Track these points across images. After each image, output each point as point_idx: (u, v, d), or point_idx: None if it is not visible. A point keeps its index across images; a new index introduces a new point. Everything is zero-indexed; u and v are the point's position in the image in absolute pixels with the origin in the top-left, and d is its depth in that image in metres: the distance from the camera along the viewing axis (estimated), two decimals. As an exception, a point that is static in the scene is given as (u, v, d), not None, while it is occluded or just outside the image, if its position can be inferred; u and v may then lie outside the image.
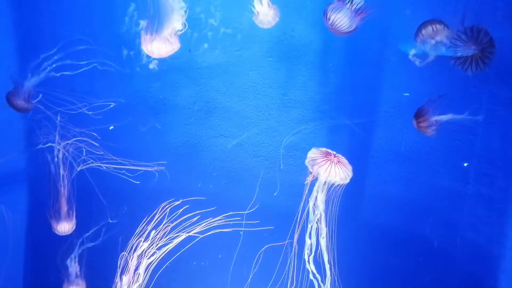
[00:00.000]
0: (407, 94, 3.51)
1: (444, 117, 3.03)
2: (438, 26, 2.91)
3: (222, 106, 3.67)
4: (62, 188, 3.56)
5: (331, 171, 2.90)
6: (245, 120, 3.69)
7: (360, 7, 2.77)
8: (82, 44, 3.52)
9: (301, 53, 3.54)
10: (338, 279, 3.39)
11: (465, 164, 3.50)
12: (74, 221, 3.61)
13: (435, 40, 2.95)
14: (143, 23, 3.30)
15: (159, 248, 3.51)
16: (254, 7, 3.17)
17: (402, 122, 3.51)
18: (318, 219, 3.10)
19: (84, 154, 3.57)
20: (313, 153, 2.97)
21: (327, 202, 3.24)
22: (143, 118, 3.72)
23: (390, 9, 3.44)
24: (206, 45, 3.52)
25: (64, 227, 3.58)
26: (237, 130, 3.70)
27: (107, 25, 3.60)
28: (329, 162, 2.89)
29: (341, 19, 2.81)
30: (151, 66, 3.55)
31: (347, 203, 3.45)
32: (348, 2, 2.75)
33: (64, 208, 3.56)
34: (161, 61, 3.57)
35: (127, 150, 3.74)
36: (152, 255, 3.51)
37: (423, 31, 2.93)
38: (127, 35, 3.51)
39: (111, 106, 3.56)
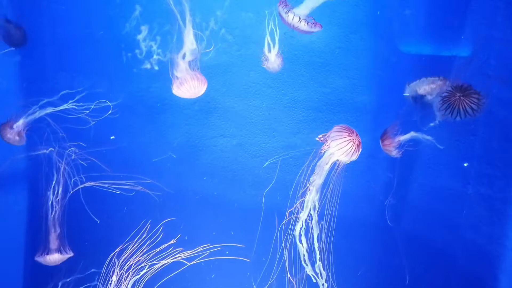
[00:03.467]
0: (407, 94, 3.51)
1: (406, 137, 3.11)
2: (430, 83, 3.22)
3: (222, 106, 3.67)
4: (54, 215, 3.55)
5: (348, 151, 2.89)
6: (245, 120, 3.69)
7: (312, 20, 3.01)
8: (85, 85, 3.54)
9: (301, 53, 3.54)
10: (335, 280, 3.40)
11: (465, 164, 3.50)
12: (65, 253, 3.61)
13: (429, 96, 3.21)
14: (144, 28, 3.34)
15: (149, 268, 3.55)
16: (264, 53, 3.41)
17: (402, 123, 3.51)
18: (312, 211, 3.11)
19: (76, 176, 3.57)
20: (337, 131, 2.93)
21: (326, 200, 3.24)
22: (143, 119, 3.72)
23: (390, 9, 3.45)
24: (205, 45, 3.52)
25: (54, 258, 3.58)
26: (237, 130, 3.70)
27: (107, 27, 3.59)
28: (351, 142, 2.88)
29: (296, 23, 3.00)
30: (147, 66, 3.55)
31: (347, 203, 3.45)
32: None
33: (55, 241, 3.56)
34: (161, 61, 3.58)
35: (127, 152, 3.74)
36: (143, 273, 3.55)
37: (417, 89, 3.27)
38: (126, 37, 3.51)
39: (110, 112, 3.56)
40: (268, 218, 3.73)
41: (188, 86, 3.27)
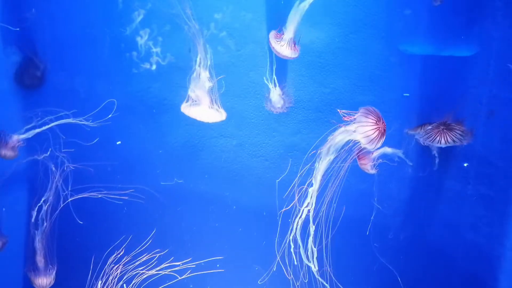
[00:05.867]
0: (407, 94, 3.51)
1: (379, 152, 3.15)
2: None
3: (222, 106, 3.66)
4: (43, 229, 3.55)
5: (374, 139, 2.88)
6: (245, 120, 3.69)
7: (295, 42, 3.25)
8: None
9: (301, 53, 3.54)
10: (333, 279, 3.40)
11: (465, 164, 3.50)
12: (53, 275, 3.60)
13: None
14: (145, 30, 3.37)
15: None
16: (267, 94, 3.55)
17: (402, 123, 3.51)
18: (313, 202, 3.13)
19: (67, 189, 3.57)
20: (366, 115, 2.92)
21: (326, 199, 3.24)
22: (143, 119, 3.72)
23: (390, 9, 3.44)
24: (205, 45, 3.52)
25: (43, 281, 3.56)
26: (237, 130, 3.70)
27: (107, 27, 3.59)
28: (378, 131, 2.87)
29: (284, 51, 3.24)
30: (147, 65, 3.55)
31: (347, 203, 3.46)
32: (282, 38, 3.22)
33: (41, 260, 3.55)
34: (161, 60, 3.58)
35: (126, 153, 3.74)
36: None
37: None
38: (126, 37, 3.52)
39: (110, 115, 3.56)
40: (268, 218, 3.73)
41: (200, 111, 3.34)
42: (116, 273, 3.60)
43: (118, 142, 3.72)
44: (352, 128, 2.89)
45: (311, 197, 3.07)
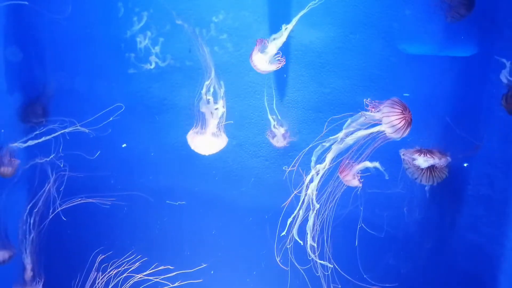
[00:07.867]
0: (407, 94, 3.51)
1: (360, 166, 3.18)
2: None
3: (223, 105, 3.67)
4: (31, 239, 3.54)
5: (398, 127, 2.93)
6: (245, 120, 3.69)
7: (275, 58, 3.27)
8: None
9: (301, 53, 3.54)
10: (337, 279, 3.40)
11: (465, 164, 3.50)
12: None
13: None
14: (147, 31, 3.38)
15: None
16: (271, 129, 3.62)
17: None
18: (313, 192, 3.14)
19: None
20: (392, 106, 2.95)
21: (327, 199, 3.24)
22: (143, 120, 3.73)
23: (390, 9, 3.44)
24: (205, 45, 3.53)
25: None
26: (237, 130, 3.70)
27: (107, 27, 3.59)
28: (404, 121, 2.91)
29: (261, 64, 3.26)
30: (147, 66, 3.55)
31: (347, 203, 3.46)
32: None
33: (29, 272, 3.55)
34: (161, 61, 3.58)
35: (126, 153, 3.74)
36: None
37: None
38: (126, 37, 3.52)
39: (111, 118, 3.57)
40: (268, 218, 3.73)
41: (204, 141, 3.40)
42: (105, 280, 3.60)
43: (124, 145, 3.72)
44: (377, 117, 2.93)
45: (316, 173, 3.10)
